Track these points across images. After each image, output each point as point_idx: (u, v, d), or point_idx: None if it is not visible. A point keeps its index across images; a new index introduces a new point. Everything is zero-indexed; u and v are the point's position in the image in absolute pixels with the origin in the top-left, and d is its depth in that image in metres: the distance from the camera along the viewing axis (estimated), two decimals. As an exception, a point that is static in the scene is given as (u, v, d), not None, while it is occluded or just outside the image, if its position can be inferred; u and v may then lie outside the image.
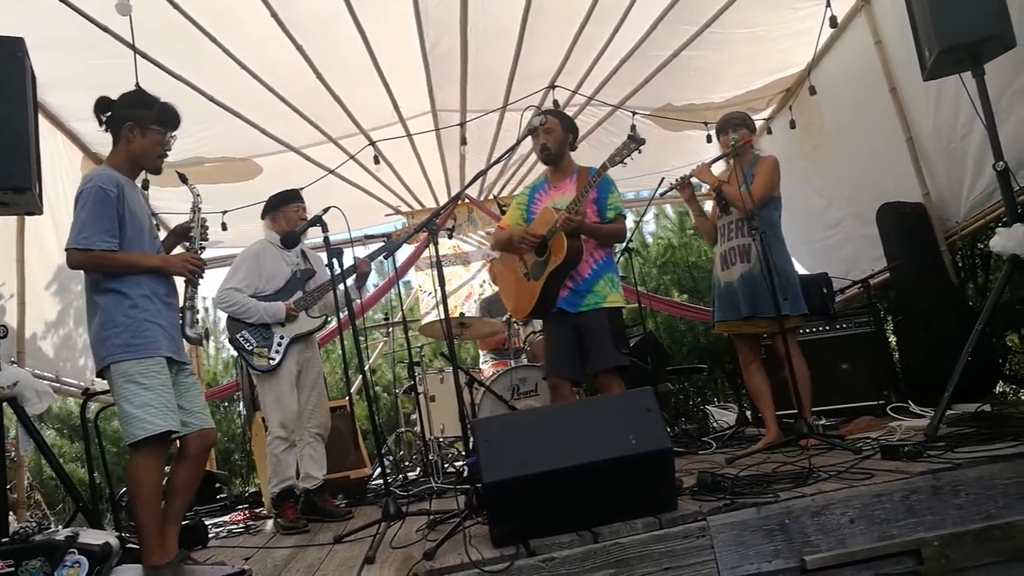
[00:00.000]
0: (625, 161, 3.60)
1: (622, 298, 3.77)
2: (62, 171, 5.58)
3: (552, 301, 3.68)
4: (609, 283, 3.69)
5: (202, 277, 3.05)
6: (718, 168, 4.25)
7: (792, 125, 6.71)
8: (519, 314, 3.93)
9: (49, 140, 5.29)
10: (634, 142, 3.59)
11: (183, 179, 3.12)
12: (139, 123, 2.95)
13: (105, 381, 2.84)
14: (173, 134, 3.03)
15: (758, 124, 6.84)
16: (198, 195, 3.17)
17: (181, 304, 3.03)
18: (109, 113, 2.99)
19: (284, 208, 4.35)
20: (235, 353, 4.37)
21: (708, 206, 4.76)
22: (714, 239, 4.34)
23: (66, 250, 2.78)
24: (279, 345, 4.06)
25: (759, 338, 4.17)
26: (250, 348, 4.05)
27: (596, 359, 3.60)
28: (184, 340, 2.99)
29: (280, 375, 4.05)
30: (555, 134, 3.78)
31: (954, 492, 2.36)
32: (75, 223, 2.79)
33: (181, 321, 2.99)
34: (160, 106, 3.01)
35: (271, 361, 4.03)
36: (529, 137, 3.88)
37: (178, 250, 3.19)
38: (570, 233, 3.53)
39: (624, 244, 6.21)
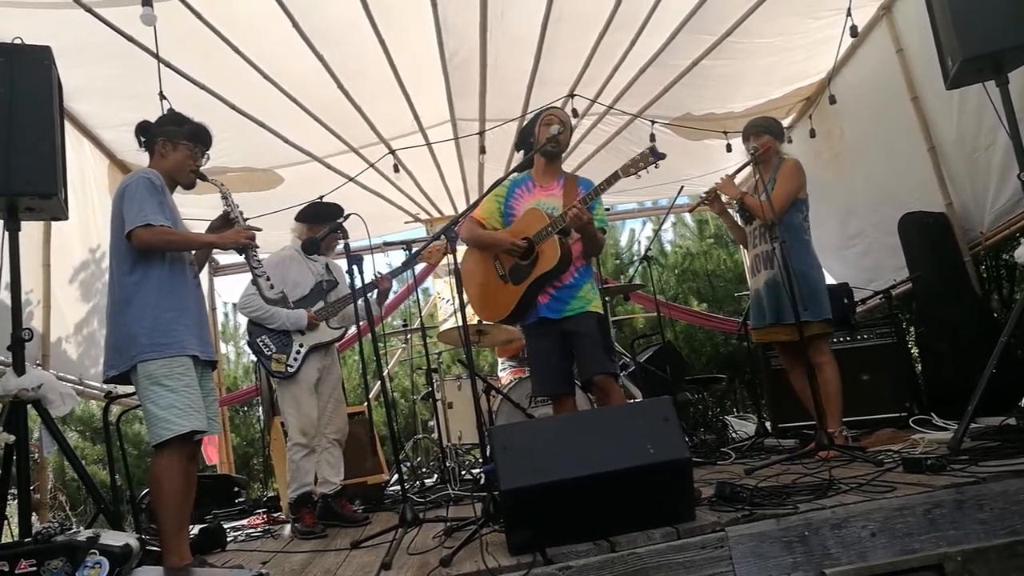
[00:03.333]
0: (639, 175, 3.42)
1: (602, 308, 3.57)
2: (89, 178, 5.68)
3: (528, 307, 3.50)
4: (593, 290, 3.54)
5: (257, 245, 3.11)
6: (743, 176, 4.24)
7: (812, 134, 6.69)
8: (489, 317, 3.74)
9: (76, 147, 5.39)
10: (654, 155, 3.38)
11: (202, 177, 3.17)
12: (170, 138, 3.07)
13: (118, 387, 2.88)
14: (206, 152, 3.16)
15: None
16: (222, 184, 3.22)
17: (252, 276, 3.14)
18: (147, 134, 3.12)
19: (324, 233, 4.08)
20: (254, 358, 4.40)
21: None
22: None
23: (129, 233, 2.82)
24: (297, 353, 4.08)
25: (796, 344, 4.13)
26: (268, 353, 4.08)
27: (590, 364, 3.42)
28: (267, 303, 3.09)
29: (299, 382, 4.08)
30: (565, 135, 3.63)
31: (978, 506, 2.32)
32: (130, 209, 2.84)
33: (257, 288, 3.13)
34: (192, 125, 3.14)
35: (288, 368, 4.05)
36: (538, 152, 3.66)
37: None
38: (561, 239, 3.38)
39: (643, 252, 6.20)
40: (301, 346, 4.09)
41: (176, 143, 3.07)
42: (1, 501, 3.09)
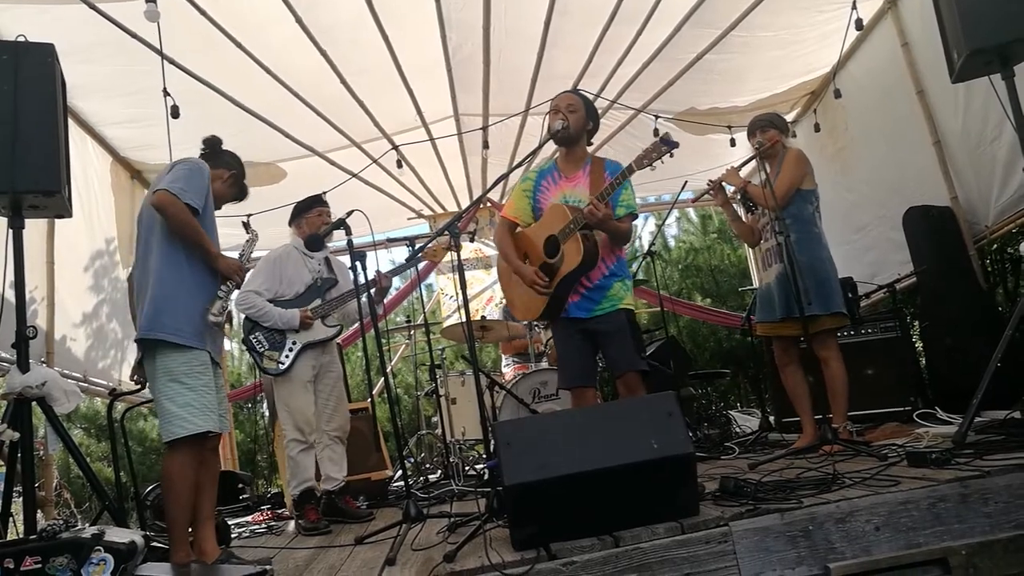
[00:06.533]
0: (654, 165, 3.30)
1: (634, 303, 3.56)
2: (92, 176, 5.68)
3: (562, 304, 3.43)
4: (624, 288, 3.48)
5: (239, 286, 3.16)
6: (747, 171, 4.22)
7: (817, 128, 6.66)
8: (526, 316, 3.70)
9: (79, 145, 5.39)
10: (665, 144, 3.24)
11: (247, 227, 3.36)
12: (236, 180, 3.31)
13: (122, 384, 2.88)
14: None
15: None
16: (254, 232, 3.49)
17: (216, 293, 3.05)
18: (214, 150, 3.29)
19: (307, 214, 4.40)
20: (256, 355, 4.40)
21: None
22: (752, 241, 4.35)
23: (156, 191, 2.86)
24: (290, 350, 4.09)
25: (797, 340, 4.11)
26: (261, 350, 4.10)
27: (620, 360, 3.39)
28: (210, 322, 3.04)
29: (293, 379, 4.09)
30: (577, 115, 3.47)
31: (983, 500, 2.31)
32: (171, 177, 2.91)
33: (210, 303, 3.00)
34: (245, 186, 3.39)
35: (280, 365, 4.06)
36: (550, 141, 3.55)
37: None
38: (585, 233, 3.29)
39: (647, 247, 6.19)
40: (295, 343, 4.10)
41: (233, 186, 3.30)
42: (6, 498, 3.11)
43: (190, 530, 2.89)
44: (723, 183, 4.23)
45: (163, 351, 2.82)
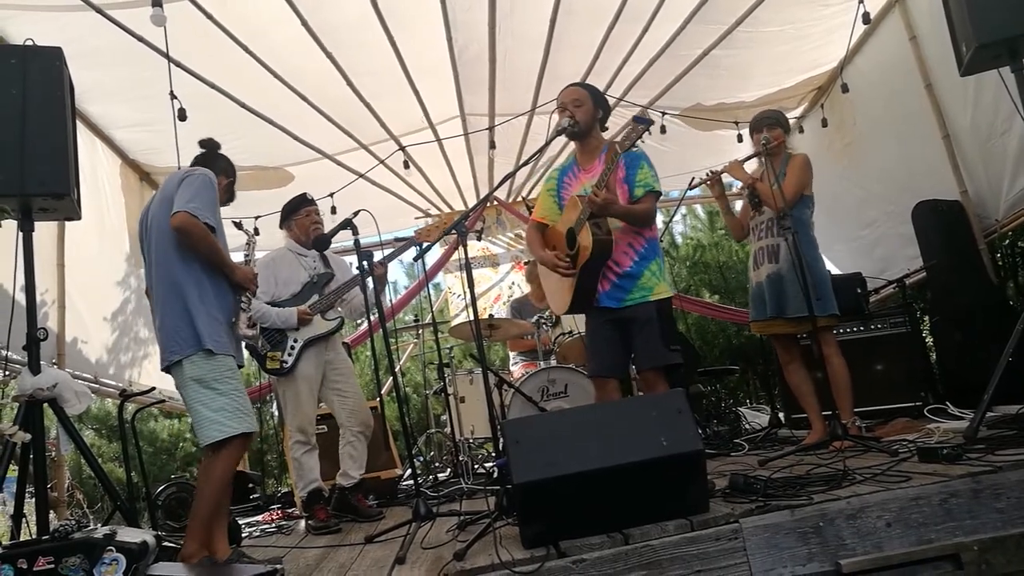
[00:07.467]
0: (636, 144, 3.23)
1: (669, 288, 3.46)
2: (102, 178, 5.72)
3: (591, 294, 3.38)
4: (656, 273, 3.39)
5: (255, 294, 3.23)
6: (750, 166, 4.22)
7: (824, 123, 6.64)
8: (558, 310, 3.69)
9: (89, 148, 5.43)
10: (640, 123, 3.17)
11: (238, 226, 3.46)
12: (230, 187, 3.36)
13: (132, 385, 2.92)
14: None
15: (790, 123, 6.77)
16: (250, 234, 3.51)
17: (235, 306, 3.12)
18: (213, 153, 3.34)
19: (295, 216, 4.40)
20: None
21: (738, 205, 4.76)
22: (740, 236, 4.38)
23: (176, 213, 2.87)
24: (292, 348, 4.09)
25: (796, 338, 4.14)
26: (263, 352, 4.09)
27: (641, 356, 3.37)
28: (242, 337, 3.11)
29: (297, 379, 4.08)
30: (584, 108, 3.45)
31: (995, 495, 2.30)
32: (184, 194, 2.92)
33: (234, 320, 3.07)
34: (235, 191, 3.45)
35: (284, 364, 4.06)
36: (557, 138, 3.59)
37: None
38: (595, 224, 3.24)
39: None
40: (296, 341, 4.10)
41: (226, 191, 3.32)
42: (19, 499, 3.14)
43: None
44: (722, 176, 4.25)
45: (191, 360, 2.86)
